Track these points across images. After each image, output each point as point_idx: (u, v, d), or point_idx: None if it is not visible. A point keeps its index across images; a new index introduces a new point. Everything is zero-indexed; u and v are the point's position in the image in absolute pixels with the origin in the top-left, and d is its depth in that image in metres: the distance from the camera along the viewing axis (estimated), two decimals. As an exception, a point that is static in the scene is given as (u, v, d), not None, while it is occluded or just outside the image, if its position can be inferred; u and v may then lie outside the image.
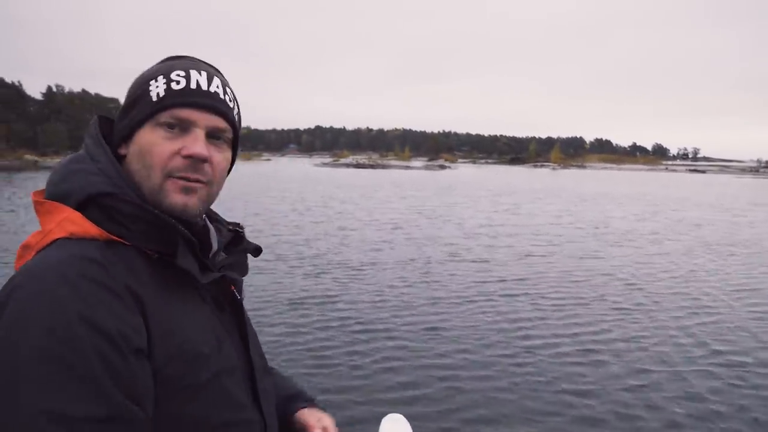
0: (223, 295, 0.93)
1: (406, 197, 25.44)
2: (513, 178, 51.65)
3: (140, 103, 0.84)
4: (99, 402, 0.67)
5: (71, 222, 0.78)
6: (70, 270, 0.72)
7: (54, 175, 0.85)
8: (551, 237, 13.51)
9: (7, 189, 24.59)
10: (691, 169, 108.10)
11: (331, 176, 46.38)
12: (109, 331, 0.70)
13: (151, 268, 0.80)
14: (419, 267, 9.49)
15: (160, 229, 0.80)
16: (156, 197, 0.83)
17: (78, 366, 0.67)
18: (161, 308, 0.78)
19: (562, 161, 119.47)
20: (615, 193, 32.02)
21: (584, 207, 22.48)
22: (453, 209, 20.00)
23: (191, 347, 0.80)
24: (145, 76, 0.87)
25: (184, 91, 0.83)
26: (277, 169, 55.18)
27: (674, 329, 6.35)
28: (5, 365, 0.67)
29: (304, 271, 8.77)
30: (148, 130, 0.83)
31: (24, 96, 73.71)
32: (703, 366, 5.28)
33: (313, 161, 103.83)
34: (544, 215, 18.78)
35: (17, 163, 52.67)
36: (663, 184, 45.94)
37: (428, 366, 5.14)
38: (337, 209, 19.06)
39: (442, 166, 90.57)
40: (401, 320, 6.42)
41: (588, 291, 8.04)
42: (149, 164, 0.82)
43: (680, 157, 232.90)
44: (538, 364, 5.22)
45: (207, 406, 0.81)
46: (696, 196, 31.76)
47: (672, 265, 10.27)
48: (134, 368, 0.71)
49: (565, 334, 6.06)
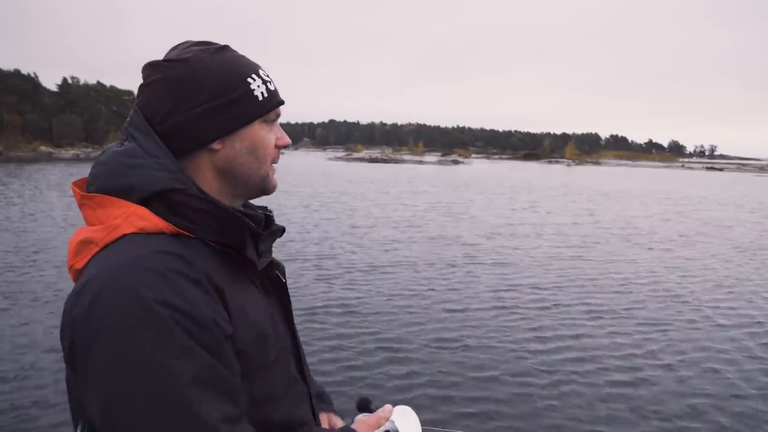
0: (268, 279, 0.99)
1: (420, 193, 24.80)
2: (528, 174, 50.70)
3: (246, 101, 0.89)
4: (220, 393, 0.73)
5: (140, 217, 0.79)
6: (158, 265, 0.74)
7: (101, 168, 0.84)
8: (576, 238, 12.87)
9: (15, 181, 24.47)
10: (708, 166, 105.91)
11: (344, 170, 45.85)
12: (207, 322, 0.74)
13: (217, 259, 0.84)
14: (436, 270, 8.94)
15: (228, 223, 0.84)
16: (262, 183, 0.94)
17: (188, 352, 0.71)
18: (234, 296, 0.82)
19: (577, 157, 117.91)
20: (635, 191, 31.07)
21: (606, 205, 21.74)
22: (470, 207, 19.27)
23: (261, 330, 0.87)
24: (235, 71, 0.90)
25: (276, 92, 0.95)
26: (289, 163, 54.78)
27: (722, 342, 5.81)
28: (125, 362, 0.70)
29: (319, 274, 8.33)
30: (259, 126, 0.91)
31: (39, 88, 73.93)
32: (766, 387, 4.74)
33: (327, 155, 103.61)
34: (565, 214, 18.06)
35: (32, 154, 52.95)
36: (681, 182, 44.83)
37: (445, 363, 4.84)
38: (350, 205, 18.51)
39: (455, 161, 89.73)
40: (415, 332, 5.94)
41: (622, 300, 7.45)
42: (261, 156, 0.92)
43: (697, 155, 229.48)
44: (578, 381, 4.72)
45: (273, 383, 0.89)
46: (718, 195, 30.82)
47: (709, 270, 9.62)
48: (230, 352, 0.78)
49: (601, 347, 5.54)
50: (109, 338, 0.70)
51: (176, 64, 0.87)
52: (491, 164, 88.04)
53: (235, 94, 0.88)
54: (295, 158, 79.26)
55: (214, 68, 0.87)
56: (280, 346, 0.93)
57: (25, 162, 43.41)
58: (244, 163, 0.91)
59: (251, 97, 0.89)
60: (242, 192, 0.95)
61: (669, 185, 39.53)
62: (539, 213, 18.15)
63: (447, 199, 22.38)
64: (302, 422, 0.95)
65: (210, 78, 0.86)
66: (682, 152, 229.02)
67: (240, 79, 0.89)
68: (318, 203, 18.72)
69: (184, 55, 0.88)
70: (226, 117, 0.87)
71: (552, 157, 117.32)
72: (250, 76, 0.90)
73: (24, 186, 21.83)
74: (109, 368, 0.70)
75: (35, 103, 68.82)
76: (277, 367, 0.91)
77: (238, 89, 0.88)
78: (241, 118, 0.89)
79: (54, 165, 39.60)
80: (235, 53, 0.93)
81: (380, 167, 57.78)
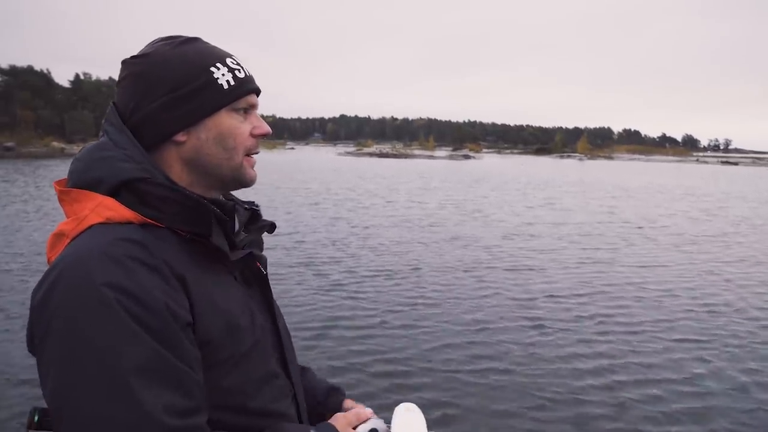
0: (249, 271, 0.99)
1: (432, 189, 23.99)
2: (541, 169, 49.78)
3: (209, 90, 0.88)
4: (167, 382, 0.72)
5: (107, 207, 0.80)
6: (115, 251, 0.74)
7: (77, 164, 0.87)
8: (600, 238, 11.96)
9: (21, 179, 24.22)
10: (723, 161, 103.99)
11: (354, 166, 45.26)
12: (157, 307, 0.73)
13: (185, 247, 0.84)
14: (454, 277, 8.15)
15: (194, 210, 0.84)
16: (236, 175, 0.92)
17: (134, 339, 0.71)
18: (200, 284, 0.82)
19: (589, 152, 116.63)
20: (653, 187, 29.87)
21: (627, 202, 20.55)
22: (485, 205, 18.09)
23: (231, 320, 0.85)
24: (194, 62, 0.88)
25: (247, 79, 0.92)
26: (299, 158, 54.37)
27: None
28: (70, 350, 0.70)
29: (327, 280, 7.75)
30: (226, 115, 0.89)
31: (52, 84, 74.26)
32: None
33: (337, 150, 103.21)
34: (586, 212, 16.84)
35: (44, 150, 52.97)
36: (698, 177, 43.48)
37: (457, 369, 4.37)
38: (361, 203, 17.73)
39: (466, 156, 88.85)
40: (432, 348, 5.38)
41: (665, 312, 6.71)
42: (231, 146, 0.90)
43: (711, 149, 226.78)
44: (630, 420, 4.13)
45: (246, 376, 0.87)
46: (740, 190, 29.67)
47: (756, 279, 8.65)
48: (184, 340, 0.76)
49: (646, 366, 4.94)
50: (58, 324, 0.71)
51: (138, 60, 0.89)
52: (502, 159, 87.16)
53: (196, 84, 0.87)
54: (305, 153, 78.98)
55: (174, 61, 0.87)
56: (257, 339, 0.91)
57: (37, 158, 43.31)
58: (211, 154, 0.89)
59: (214, 86, 0.88)
60: (216, 184, 0.93)
61: (687, 180, 38.37)
62: (558, 211, 17.09)
63: (460, 196, 21.35)
64: (280, 416, 0.93)
65: (169, 70, 0.87)
66: (696, 146, 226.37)
67: (201, 68, 0.88)
68: (327, 201, 18.05)
69: (147, 50, 0.90)
70: (187, 108, 0.87)
71: (564, 151, 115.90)
72: (214, 65, 0.89)
73: (27, 184, 21.51)
74: (57, 354, 0.71)
75: (48, 99, 69.03)
76: (251, 360, 0.88)
77: (199, 79, 0.87)
78: (204, 108, 0.87)
79: (64, 161, 39.42)
80: (200, 44, 0.92)
81: (391, 162, 57.12)
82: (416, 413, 1.05)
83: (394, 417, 1.03)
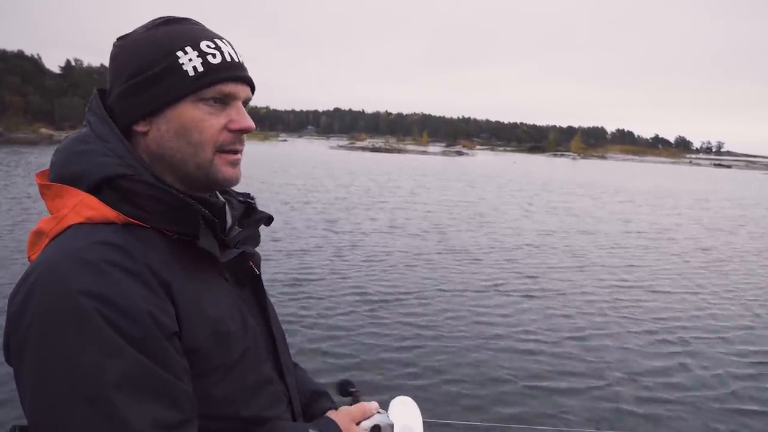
0: (241, 271, 0.92)
1: (429, 189, 22.29)
2: (535, 168, 49.41)
3: (171, 77, 0.79)
4: (152, 395, 0.68)
5: (87, 206, 0.75)
6: (93, 256, 0.69)
7: (58, 156, 0.81)
8: (619, 253, 10.20)
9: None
10: (715, 163, 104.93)
11: (345, 160, 45.04)
12: (139, 316, 0.69)
13: (171, 249, 0.78)
14: (467, 298, 6.74)
15: (180, 210, 0.78)
16: (204, 172, 0.82)
17: (115, 351, 0.67)
18: (187, 290, 0.77)
19: (583, 151, 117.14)
20: (659, 191, 27.80)
21: (636, 208, 18.53)
22: (481, 210, 15.79)
23: (220, 327, 0.80)
24: (162, 45, 0.80)
25: (223, 65, 0.81)
26: (289, 152, 53.93)
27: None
28: (48, 365, 0.66)
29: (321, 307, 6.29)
30: (189, 106, 0.80)
31: (42, 69, 73.60)
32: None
33: (329, 143, 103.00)
34: (597, 220, 14.83)
35: (33, 136, 52.56)
36: (699, 180, 42.64)
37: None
38: (352, 204, 15.78)
39: (459, 152, 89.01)
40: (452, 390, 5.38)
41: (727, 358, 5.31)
42: (197, 141, 0.81)
43: (704, 151, 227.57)
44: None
45: (238, 383, 0.82)
46: (749, 196, 28.13)
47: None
48: (170, 350, 0.71)
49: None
50: (35, 337, 0.67)
51: (116, 42, 0.83)
52: (495, 156, 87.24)
53: (157, 69, 0.79)
54: (296, 146, 78.60)
55: (142, 44, 0.80)
56: (247, 345, 0.85)
57: (24, 144, 42.91)
58: (174, 149, 0.81)
59: (178, 73, 0.79)
60: (192, 183, 0.83)
61: (691, 184, 37.33)
62: (563, 217, 15.20)
63: (461, 197, 19.28)
64: (274, 422, 0.88)
65: (135, 55, 0.80)
66: (689, 148, 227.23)
67: (165, 53, 0.79)
68: (316, 200, 16.49)
69: (127, 33, 0.84)
70: (145, 96, 0.79)
71: (557, 150, 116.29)
72: (182, 48, 0.79)
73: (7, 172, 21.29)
74: (34, 369, 0.67)
75: (38, 85, 68.36)
76: (242, 367, 0.83)
77: (160, 64, 0.79)
78: (162, 96, 0.79)
79: (51, 148, 39.04)
80: (179, 26, 0.82)
81: (384, 157, 56.99)
82: (412, 406, 1.04)
83: (390, 410, 1.02)
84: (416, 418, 1.01)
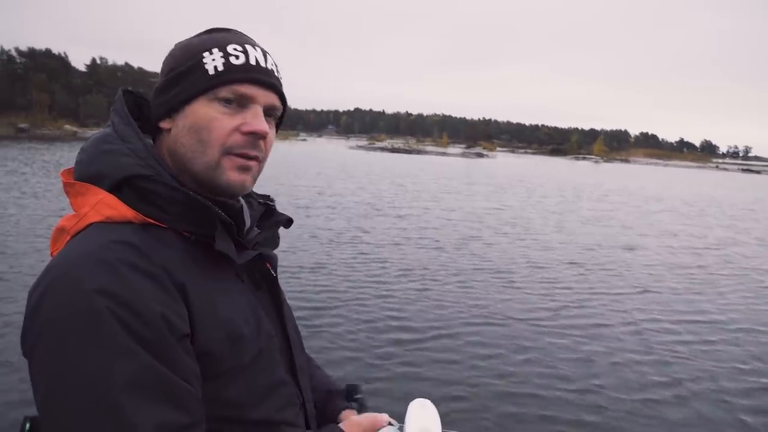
0: (258, 273, 0.93)
1: (455, 193, 21.44)
2: (558, 171, 47.96)
3: (193, 75, 0.81)
4: (161, 398, 0.68)
5: (107, 205, 0.77)
6: (109, 255, 0.70)
7: (83, 155, 0.83)
8: (690, 275, 8.80)
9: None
10: (743, 168, 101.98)
11: (365, 161, 44.62)
12: (152, 317, 0.69)
13: (188, 249, 0.80)
14: (523, 328, 5.80)
15: (198, 212, 0.79)
16: (211, 174, 0.82)
17: (125, 352, 0.67)
18: (202, 291, 0.77)
19: (606, 154, 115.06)
20: (701, 199, 25.29)
21: (684, 219, 16.70)
22: (504, 219, 14.09)
23: (233, 329, 0.80)
24: (193, 47, 0.84)
25: (245, 66, 0.82)
26: (307, 152, 53.60)
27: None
28: (58, 363, 0.67)
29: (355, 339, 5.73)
30: (204, 103, 0.81)
31: (69, 67, 74.85)
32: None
33: (349, 143, 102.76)
34: (646, 233, 13.19)
35: (57, 132, 53.38)
36: (730, 186, 40.50)
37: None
38: (372, 208, 14.79)
39: (479, 154, 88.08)
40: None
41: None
42: (206, 139, 0.81)
43: (730, 155, 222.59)
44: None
45: (249, 386, 0.82)
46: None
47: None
48: (180, 352, 0.71)
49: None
50: (48, 334, 0.67)
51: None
52: (516, 158, 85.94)
53: (183, 68, 0.82)
54: (317, 145, 78.58)
55: (179, 48, 0.86)
56: (261, 348, 0.84)
57: (51, 140, 43.48)
58: (185, 145, 0.82)
59: (199, 71, 0.81)
60: (197, 183, 0.83)
61: (724, 190, 34.91)
62: (605, 225, 14.01)
63: (488, 204, 17.60)
64: (286, 426, 0.88)
65: (171, 56, 0.85)
66: (715, 152, 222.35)
67: (194, 53, 0.83)
68: (337, 203, 16.27)
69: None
70: (170, 93, 0.83)
71: (579, 153, 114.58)
72: (209, 49, 0.82)
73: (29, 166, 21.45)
74: (46, 366, 0.68)
75: (64, 83, 69.53)
76: (254, 370, 0.82)
77: (186, 63, 0.82)
78: (182, 93, 0.82)
79: (75, 144, 39.49)
80: (218, 33, 0.86)
81: (403, 158, 56.56)
82: (430, 409, 1.01)
83: (408, 413, 0.98)
84: (435, 420, 0.98)
